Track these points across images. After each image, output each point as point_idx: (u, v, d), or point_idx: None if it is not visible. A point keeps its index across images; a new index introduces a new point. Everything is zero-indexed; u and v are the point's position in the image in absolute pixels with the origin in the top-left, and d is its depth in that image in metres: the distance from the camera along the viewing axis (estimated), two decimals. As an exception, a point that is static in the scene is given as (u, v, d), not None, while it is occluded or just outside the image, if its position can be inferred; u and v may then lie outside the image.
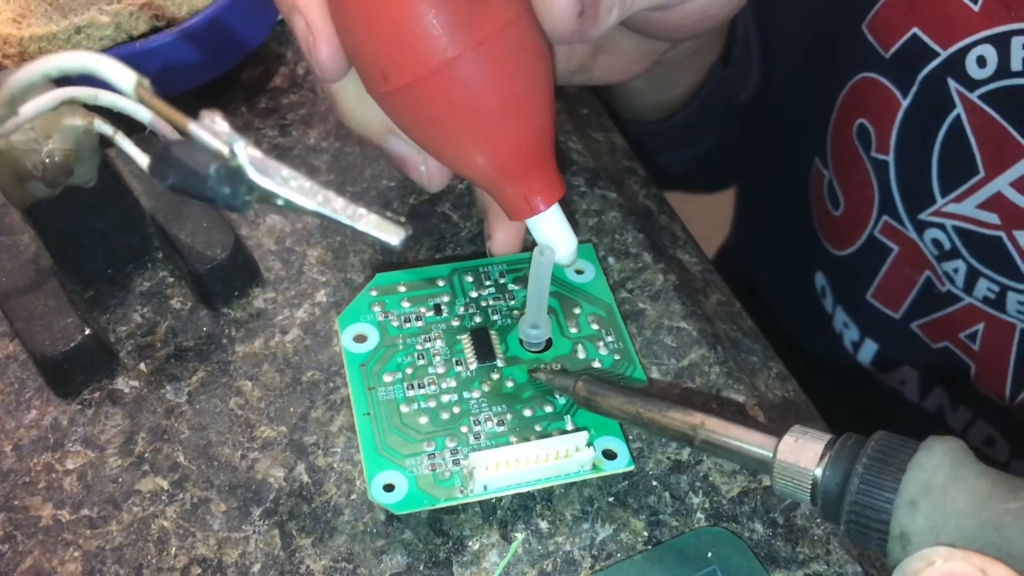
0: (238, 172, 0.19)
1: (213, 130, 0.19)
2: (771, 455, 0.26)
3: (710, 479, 0.31)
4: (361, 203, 0.20)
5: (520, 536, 0.30)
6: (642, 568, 0.29)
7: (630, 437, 0.32)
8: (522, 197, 0.31)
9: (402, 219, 0.21)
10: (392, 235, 0.20)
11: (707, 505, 0.31)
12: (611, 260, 0.37)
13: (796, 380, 0.35)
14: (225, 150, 0.19)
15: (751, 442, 0.27)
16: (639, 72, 0.38)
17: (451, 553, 0.30)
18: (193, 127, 0.19)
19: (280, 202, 0.20)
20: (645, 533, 0.30)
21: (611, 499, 0.31)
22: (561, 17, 0.28)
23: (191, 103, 0.23)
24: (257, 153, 0.20)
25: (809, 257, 0.52)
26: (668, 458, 0.32)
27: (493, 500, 0.31)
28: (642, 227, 0.38)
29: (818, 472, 0.25)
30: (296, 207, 0.20)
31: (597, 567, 0.29)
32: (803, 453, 0.26)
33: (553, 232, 0.32)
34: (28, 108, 0.24)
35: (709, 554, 0.29)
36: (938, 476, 0.23)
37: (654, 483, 0.31)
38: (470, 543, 0.30)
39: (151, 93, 0.20)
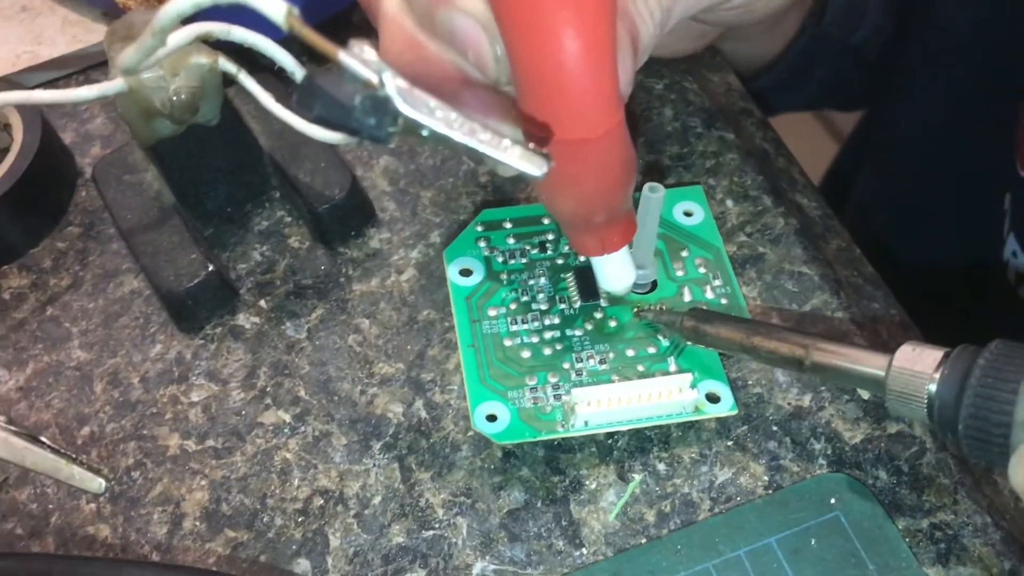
0: (384, 102, 0.19)
1: (363, 59, 0.19)
2: (884, 372, 0.25)
3: (832, 425, 0.31)
4: (506, 136, 0.20)
5: (638, 477, 0.30)
6: (763, 512, 0.29)
7: (749, 382, 0.32)
8: (598, 240, 0.30)
9: (545, 151, 0.21)
10: (535, 167, 0.20)
11: (829, 451, 0.30)
12: (729, 203, 0.36)
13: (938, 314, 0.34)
14: (374, 79, 0.19)
15: (864, 361, 0.26)
16: (692, 50, 0.38)
17: (568, 491, 0.30)
18: (343, 56, 0.19)
19: (425, 133, 0.20)
20: (765, 478, 0.30)
21: (730, 443, 0.31)
22: None
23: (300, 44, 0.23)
24: (404, 83, 0.19)
25: (986, 182, 0.49)
26: (788, 404, 0.31)
27: (610, 441, 0.31)
28: (760, 170, 0.37)
29: (936, 376, 0.24)
30: (441, 138, 0.20)
31: (716, 510, 0.29)
32: (920, 359, 0.25)
33: (616, 268, 0.30)
34: (171, 40, 0.24)
35: (832, 500, 0.29)
36: None
37: (774, 428, 0.31)
38: (587, 482, 0.30)
39: (301, 22, 0.20)
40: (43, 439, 0.28)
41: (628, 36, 0.27)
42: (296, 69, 0.27)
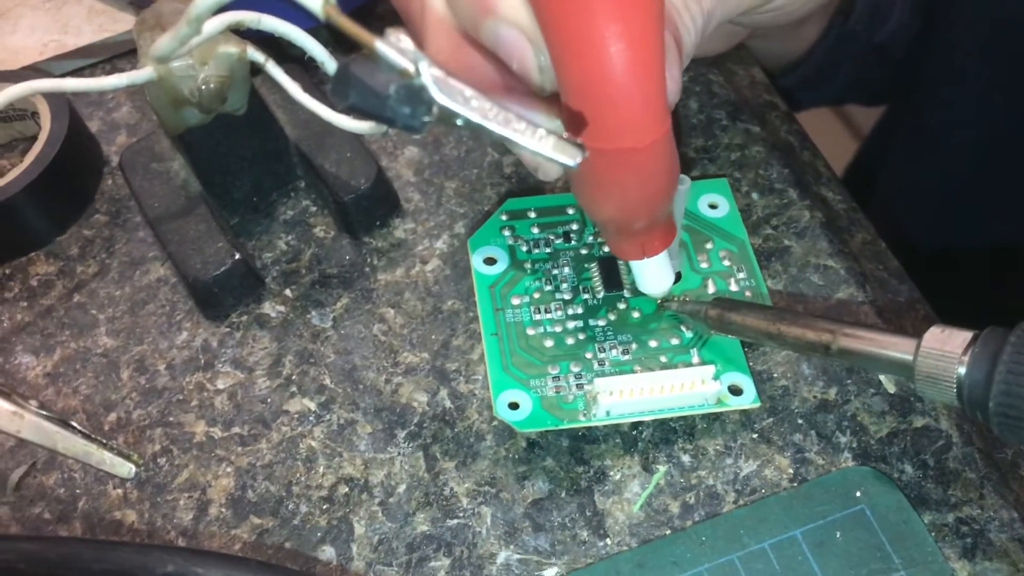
0: (419, 91, 0.20)
1: (399, 48, 0.19)
2: (912, 356, 0.25)
3: (858, 419, 0.31)
4: (540, 126, 0.20)
5: (662, 468, 0.30)
6: (788, 505, 0.29)
7: (775, 375, 0.32)
8: (639, 244, 0.30)
9: (579, 141, 0.21)
10: (570, 157, 0.20)
11: (855, 445, 0.30)
12: (755, 196, 0.36)
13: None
14: (411, 68, 0.19)
15: (892, 345, 0.26)
16: (722, 50, 0.38)
17: (592, 482, 0.30)
18: (380, 44, 0.19)
19: (460, 122, 0.20)
20: (790, 470, 0.30)
21: (755, 436, 0.31)
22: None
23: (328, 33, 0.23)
24: (440, 72, 0.20)
25: (1013, 176, 0.49)
26: (814, 396, 0.31)
27: (634, 432, 0.31)
28: (786, 163, 0.37)
29: (965, 358, 0.24)
30: (476, 127, 0.20)
31: (741, 502, 0.29)
32: (949, 340, 0.25)
33: (655, 272, 0.31)
34: (204, 28, 0.24)
35: (858, 493, 0.29)
36: None
37: (799, 421, 0.31)
38: (611, 473, 0.30)
39: (338, 11, 0.20)
40: (74, 424, 0.28)
41: (674, 43, 0.27)
42: (326, 59, 0.28)
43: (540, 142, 0.20)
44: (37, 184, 0.35)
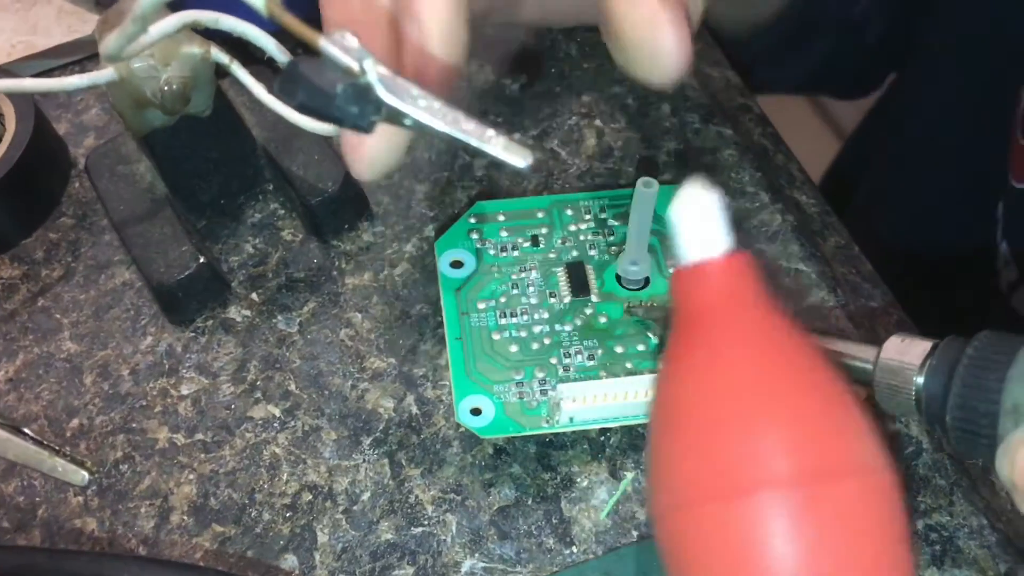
0: (366, 90, 0.19)
1: (344, 46, 0.19)
2: (872, 362, 0.25)
3: (827, 424, 0.30)
4: (490, 126, 0.20)
5: (630, 474, 0.30)
6: (756, 512, 0.29)
7: (744, 379, 0.31)
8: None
9: (530, 142, 0.20)
10: (520, 158, 0.20)
11: (824, 451, 0.30)
12: (726, 199, 0.36)
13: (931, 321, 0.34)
14: (355, 66, 0.19)
15: (852, 353, 0.26)
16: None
17: (559, 489, 0.30)
18: (324, 43, 0.19)
19: (408, 122, 0.20)
20: (759, 477, 0.29)
21: (723, 441, 0.30)
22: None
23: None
24: (386, 71, 0.19)
25: (985, 187, 0.49)
26: (783, 402, 0.31)
27: (602, 438, 0.30)
28: (758, 166, 0.36)
29: (924, 370, 0.24)
30: (424, 127, 0.20)
31: (709, 509, 0.29)
32: (908, 351, 0.24)
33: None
34: (155, 28, 0.24)
35: (826, 500, 0.29)
36: None
37: (768, 427, 0.30)
38: (579, 479, 0.30)
39: (282, 8, 0.19)
40: (26, 431, 0.28)
41: None
42: (281, 56, 0.27)
43: (489, 143, 0.20)
44: (2, 186, 0.35)
